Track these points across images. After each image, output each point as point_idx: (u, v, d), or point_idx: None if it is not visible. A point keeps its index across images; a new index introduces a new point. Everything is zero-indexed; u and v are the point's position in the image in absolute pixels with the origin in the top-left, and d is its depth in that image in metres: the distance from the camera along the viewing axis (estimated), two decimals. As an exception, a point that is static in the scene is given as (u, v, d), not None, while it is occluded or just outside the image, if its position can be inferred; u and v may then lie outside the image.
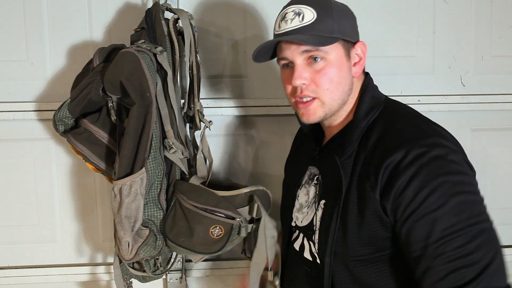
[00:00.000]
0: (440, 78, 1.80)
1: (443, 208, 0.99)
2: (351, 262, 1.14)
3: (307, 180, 1.31)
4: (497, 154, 1.83)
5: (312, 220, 1.24)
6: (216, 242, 1.39)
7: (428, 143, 1.05)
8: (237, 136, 1.80)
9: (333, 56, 1.14)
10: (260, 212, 1.40)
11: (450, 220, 0.98)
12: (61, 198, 1.77)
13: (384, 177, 1.06)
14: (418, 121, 1.15)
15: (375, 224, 1.09)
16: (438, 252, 0.98)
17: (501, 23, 1.79)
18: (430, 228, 0.99)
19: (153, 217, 1.43)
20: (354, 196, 1.11)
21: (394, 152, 1.05)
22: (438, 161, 1.03)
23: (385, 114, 1.18)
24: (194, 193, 1.41)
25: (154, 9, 1.51)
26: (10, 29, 1.68)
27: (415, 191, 1.01)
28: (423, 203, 1.00)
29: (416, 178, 1.01)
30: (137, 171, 1.36)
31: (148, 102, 1.37)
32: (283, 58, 1.19)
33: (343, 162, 1.15)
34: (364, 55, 1.21)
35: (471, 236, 0.97)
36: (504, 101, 1.80)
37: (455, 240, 0.97)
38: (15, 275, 1.77)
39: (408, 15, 1.77)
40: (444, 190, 1.00)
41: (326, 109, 1.18)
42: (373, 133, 1.13)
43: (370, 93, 1.21)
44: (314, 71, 1.14)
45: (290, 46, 1.15)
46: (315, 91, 1.15)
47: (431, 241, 0.99)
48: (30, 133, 1.73)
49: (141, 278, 1.53)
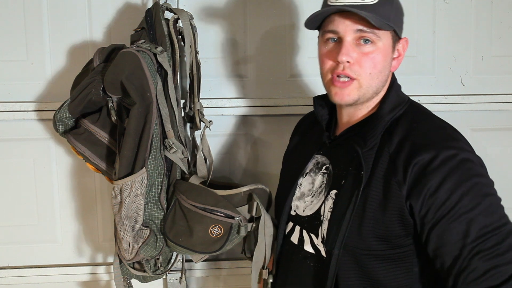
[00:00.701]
0: (440, 78, 1.80)
1: (478, 208, 1.01)
2: (361, 255, 1.12)
3: (313, 169, 1.29)
4: (497, 154, 1.83)
5: (318, 210, 1.22)
6: (216, 242, 1.39)
7: (456, 146, 1.07)
8: (237, 136, 1.80)
9: (382, 43, 1.13)
10: (259, 210, 1.40)
11: (485, 220, 1.00)
12: (61, 198, 1.77)
13: (412, 175, 1.05)
14: (443, 124, 1.16)
15: (394, 221, 1.08)
16: (475, 252, 0.99)
17: (501, 23, 1.79)
18: (467, 228, 1.00)
19: (153, 217, 1.43)
20: (378, 190, 1.10)
21: (423, 152, 1.06)
22: (467, 163, 1.05)
23: (410, 112, 1.18)
24: (193, 192, 1.41)
25: (154, 9, 1.51)
26: (10, 29, 1.68)
27: (448, 192, 1.02)
28: (458, 204, 1.01)
29: (448, 180, 1.02)
30: (138, 171, 1.36)
31: (149, 102, 1.37)
32: (332, 31, 1.15)
33: (365, 153, 1.14)
34: (404, 52, 1.21)
35: (503, 236, 0.99)
36: (504, 101, 1.80)
37: (490, 239, 0.99)
38: (15, 275, 1.77)
39: (408, 15, 1.76)
40: (476, 191, 1.02)
41: (361, 93, 1.15)
42: (398, 130, 1.14)
43: (396, 90, 1.22)
44: (362, 53, 1.12)
45: (344, 21, 1.12)
46: (357, 72, 1.13)
47: (469, 241, 0.99)
48: (30, 133, 1.73)
49: (142, 278, 1.53)
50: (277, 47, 1.76)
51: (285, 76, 1.78)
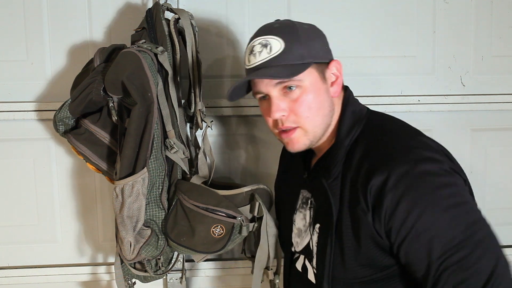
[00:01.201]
0: (440, 78, 1.80)
1: (438, 225, 0.98)
2: (352, 284, 1.12)
3: (301, 204, 1.29)
4: (497, 154, 1.84)
5: (308, 245, 1.22)
6: (218, 242, 1.39)
7: (412, 158, 1.03)
8: (237, 136, 1.80)
9: (308, 82, 1.12)
10: (261, 210, 1.41)
11: (447, 235, 0.97)
12: (61, 198, 1.77)
13: (371, 200, 1.04)
14: (401, 134, 1.13)
15: (372, 248, 1.07)
16: (442, 268, 0.97)
17: (501, 23, 1.79)
18: (429, 247, 0.98)
19: (154, 217, 1.43)
20: (348, 220, 1.09)
21: (376, 174, 1.03)
22: (424, 178, 1.01)
23: (368, 129, 1.15)
24: (195, 192, 1.42)
25: (154, 9, 1.51)
26: (10, 29, 1.68)
27: (405, 213, 0.99)
28: (416, 224, 0.99)
29: (404, 200, 1.00)
30: (139, 171, 1.36)
31: (150, 102, 1.37)
32: (258, 92, 1.17)
33: (330, 184, 1.13)
34: (340, 73, 1.18)
35: (471, 247, 0.96)
36: (504, 101, 1.80)
37: (456, 254, 0.96)
38: (15, 275, 1.77)
39: (408, 15, 1.77)
40: (435, 208, 0.99)
41: (310, 137, 1.15)
42: (357, 152, 1.11)
43: (351, 108, 1.19)
44: (291, 101, 1.12)
45: (262, 81, 1.13)
46: (295, 121, 1.13)
47: (433, 259, 0.98)
48: (30, 133, 1.73)
49: (143, 278, 1.53)
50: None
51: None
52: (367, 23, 1.75)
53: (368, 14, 1.75)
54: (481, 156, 1.82)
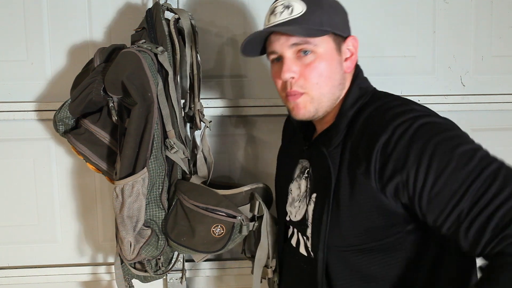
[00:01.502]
0: (440, 78, 1.80)
1: (451, 164, 0.96)
2: (347, 253, 1.11)
3: (299, 173, 1.29)
4: (497, 154, 1.82)
5: (304, 215, 1.22)
6: (218, 241, 1.39)
7: (411, 117, 1.03)
8: (237, 136, 1.80)
9: (323, 50, 1.12)
10: (261, 209, 1.41)
11: (464, 171, 0.95)
12: (61, 198, 1.77)
13: (377, 162, 1.03)
14: (401, 102, 1.12)
15: (371, 213, 1.06)
16: (469, 206, 0.93)
17: (501, 23, 1.79)
18: (449, 188, 0.95)
19: (155, 217, 1.43)
20: (346, 186, 1.08)
21: (380, 135, 1.03)
22: (424, 127, 1.00)
23: (371, 101, 1.15)
24: (195, 192, 1.42)
25: (154, 9, 1.51)
26: (10, 29, 1.68)
27: (416, 163, 0.98)
28: (430, 170, 0.97)
29: (411, 151, 0.99)
30: (139, 171, 1.36)
31: (150, 102, 1.37)
32: (272, 52, 1.17)
33: (331, 152, 1.13)
34: (355, 50, 1.19)
35: (490, 178, 0.93)
36: (504, 101, 1.80)
37: (477, 188, 0.93)
38: (15, 275, 1.77)
39: (408, 15, 1.77)
40: (443, 149, 0.97)
41: (315, 105, 1.15)
42: (359, 121, 1.11)
43: (358, 83, 1.19)
44: (304, 65, 1.12)
45: (279, 39, 1.13)
46: (303, 86, 1.13)
47: (456, 200, 0.94)
48: (30, 133, 1.73)
49: (143, 278, 1.53)
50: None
51: (285, 76, 1.78)
52: (367, 23, 1.75)
53: (368, 14, 1.75)
54: (481, 156, 1.82)
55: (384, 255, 1.09)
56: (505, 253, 0.91)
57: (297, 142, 1.35)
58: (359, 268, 1.11)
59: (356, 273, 1.12)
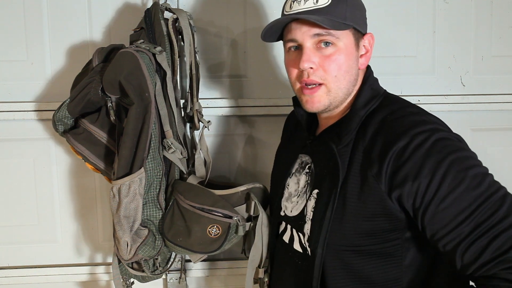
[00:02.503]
0: (440, 78, 1.80)
1: (463, 184, 0.97)
2: (345, 252, 1.11)
3: (298, 168, 1.28)
4: (497, 154, 1.83)
5: (303, 210, 1.21)
6: (214, 242, 1.39)
7: (428, 128, 1.04)
8: (236, 136, 1.80)
9: (343, 43, 1.12)
10: (257, 209, 1.40)
11: (473, 194, 0.97)
12: (61, 198, 1.78)
13: (389, 166, 1.04)
14: (417, 111, 1.14)
15: (377, 215, 1.07)
16: (472, 227, 0.96)
17: (501, 23, 1.79)
18: (457, 206, 0.97)
19: (152, 217, 1.43)
20: (355, 185, 1.09)
21: (397, 140, 1.04)
22: (442, 142, 1.02)
23: (384, 104, 1.16)
24: (191, 192, 1.41)
25: (153, 9, 1.51)
26: (10, 29, 1.69)
27: (429, 176, 0.99)
28: (442, 185, 0.98)
29: (427, 163, 1.00)
30: (136, 171, 1.36)
31: (147, 102, 1.37)
32: (291, 40, 1.16)
33: (340, 150, 1.13)
34: (371, 47, 1.19)
35: (498, 203, 0.96)
36: (504, 101, 1.79)
37: (483, 212, 0.96)
38: (15, 275, 1.77)
39: (408, 15, 1.77)
40: (457, 167, 0.99)
41: (331, 98, 1.15)
42: (372, 123, 1.12)
43: (370, 83, 1.20)
44: (323, 56, 1.12)
45: (301, 28, 1.12)
46: (322, 77, 1.13)
47: (462, 219, 0.96)
48: (30, 133, 1.73)
49: (140, 278, 1.53)
50: (277, 47, 1.76)
51: (285, 76, 1.77)
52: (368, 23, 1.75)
53: (368, 14, 1.74)
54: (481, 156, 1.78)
55: (381, 259, 1.10)
56: (498, 277, 0.94)
57: (299, 137, 1.35)
58: (354, 269, 1.11)
59: (351, 273, 1.12)
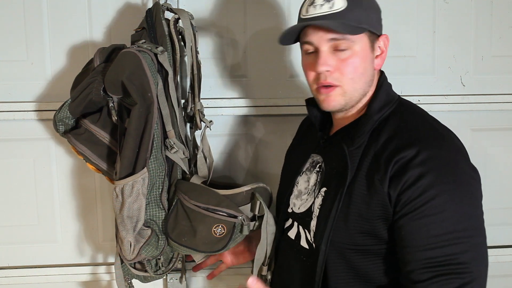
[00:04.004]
0: (440, 78, 1.80)
1: (444, 214, 1.01)
2: (348, 250, 1.14)
3: (309, 167, 1.32)
4: (497, 154, 1.84)
5: (310, 207, 1.24)
6: (219, 241, 1.39)
7: (443, 144, 1.08)
8: (237, 136, 1.80)
9: (359, 47, 1.14)
10: (262, 209, 1.41)
11: (448, 227, 1.01)
12: (61, 198, 1.77)
13: (393, 170, 1.07)
14: (432, 122, 1.17)
15: (378, 216, 1.10)
16: (427, 256, 1.01)
17: (501, 23, 1.79)
18: (426, 230, 1.02)
19: (155, 217, 1.43)
20: (362, 187, 1.11)
21: (406, 149, 1.07)
22: (449, 165, 1.05)
23: (399, 111, 1.19)
24: (196, 192, 1.42)
25: (154, 9, 1.51)
26: (10, 29, 1.68)
27: (421, 190, 1.03)
28: (425, 204, 1.02)
29: (425, 178, 1.03)
30: (139, 171, 1.36)
31: (149, 102, 1.37)
32: (307, 43, 1.18)
33: (351, 152, 1.16)
34: (386, 48, 1.21)
35: (466, 247, 1.00)
36: (504, 101, 1.80)
37: (448, 247, 1.00)
38: (15, 275, 1.77)
39: (408, 15, 1.77)
40: (448, 197, 1.02)
41: (347, 98, 1.18)
42: (386, 129, 1.15)
43: (385, 88, 1.23)
44: (339, 60, 1.14)
45: (317, 32, 1.14)
46: (338, 79, 1.15)
47: (422, 243, 1.02)
48: (30, 133, 1.73)
49: (143, 278, 1.53)
50: (277, 47, 1.75)
51: (285, 76, 1.78)
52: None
53: (368, 14, 1.75)
54: (481, 156, 1.82)
55: (381, 259, 1.13)
56: None
57: (312, 137, 1.38)
58: (356, 267, 1.14)
59: (352, 270, 1.15)
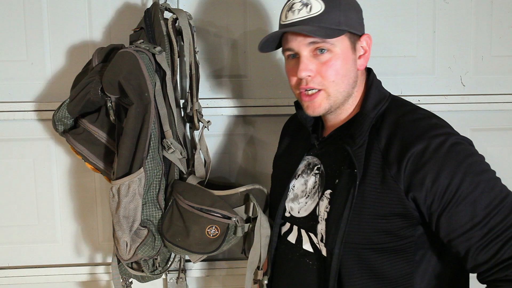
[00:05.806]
0: (440, 78, 1.80)
1: (480, 187, 1.03)
2: (363, 250, 1.13)
3: (305, 170, 1.30)
4: (497, 154, 1.83)
5: (314, 210, 1.23)
6: (213, 242, 1.39)
7: (443, 132, 1.09)
8: (236, 136, 1.80)
9: (339, 48, 1.14)
10: (256, 211, 1.40)
11: (489, 196, 1.03)
12: (61, 198, 1.78)
13: (408, 168, 1.07)
14: (427, 114, 1.17)
15: (395, 214, 1.10)
16: (487, 230, 1.01)
17: (501, 23, 1.79)
18: (474, 209, 1.02)
19: (151, 217, 1.43)
20: (374, 185, 1.11)
21: (415, 143, 1.07)
22: (457, 146, 1.07)
23: (394, 106, 1.20)
24: (190, 192, 1.41)
25: (153, 9, 1.51)
26: (10, 29, 1.69)
27: (448, 178, 1.04)
28: (460, 187, 1.03)
29: (446, 166, 1.04)
30: (136, 171, 1.36)
31: (147, 102, 1.37)
32: (288, 49, 1.18)
33: (355, 151, 1.15)
34: (369, 47, 1.21)
35: (509, 207, 1.02)
36: (504, 101, 1.79)
37: (497, 214, 1.01)
38: (15, 275, 1.77)
39: (408, 15, 1.77)
40: (473, 171, 1.05)
41: (331, 101, 1.18)
42: (385, 125, 1.15)
43: (376, 86, 1.23)
44: (320, 63, 1.14)
45: (296, 38, 1.15)
46: (321, 83, 1.15)
47: (478, 220, 1.02)
48: (30, 133, 1.73)
49: (140, 278, 1.53)
50: (277, 47, 1.76)
51: (285, 76, 1.76)
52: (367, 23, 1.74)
53: (368, 14, 1.73)
54: (481, 157, 1.81)
55: (396, 256, 1.13)
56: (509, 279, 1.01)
57: (302, 139, 1.36)
58: (371, 266, 1.14)
59: (368, 270, 1.14)
